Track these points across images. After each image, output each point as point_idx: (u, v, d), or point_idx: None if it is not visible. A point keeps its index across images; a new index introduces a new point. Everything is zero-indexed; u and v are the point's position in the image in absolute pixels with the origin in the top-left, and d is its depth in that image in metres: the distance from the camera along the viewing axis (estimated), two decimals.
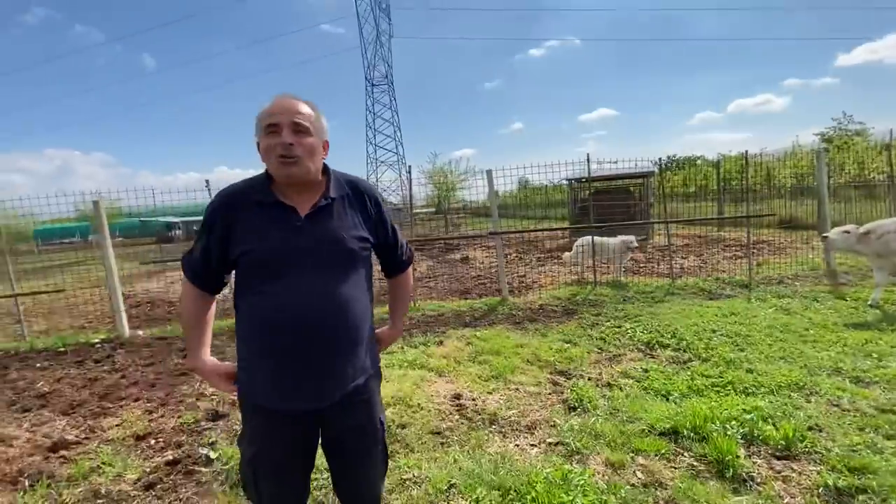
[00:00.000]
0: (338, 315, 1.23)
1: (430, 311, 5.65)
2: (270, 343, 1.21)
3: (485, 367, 3.62)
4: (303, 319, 1.19)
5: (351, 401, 1.30)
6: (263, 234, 1.20)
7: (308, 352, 1.21)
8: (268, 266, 1.20)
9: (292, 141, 1.17)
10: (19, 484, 2.35)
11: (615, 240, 6.74)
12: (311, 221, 1.23)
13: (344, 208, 1.30)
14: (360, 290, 1.30)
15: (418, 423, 2.79)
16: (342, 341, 1.25)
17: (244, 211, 1.23)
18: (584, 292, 6.09)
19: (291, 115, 1.19)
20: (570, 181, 11.01)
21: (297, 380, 1.22)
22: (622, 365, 3.57)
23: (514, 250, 11.98)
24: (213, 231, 1.25)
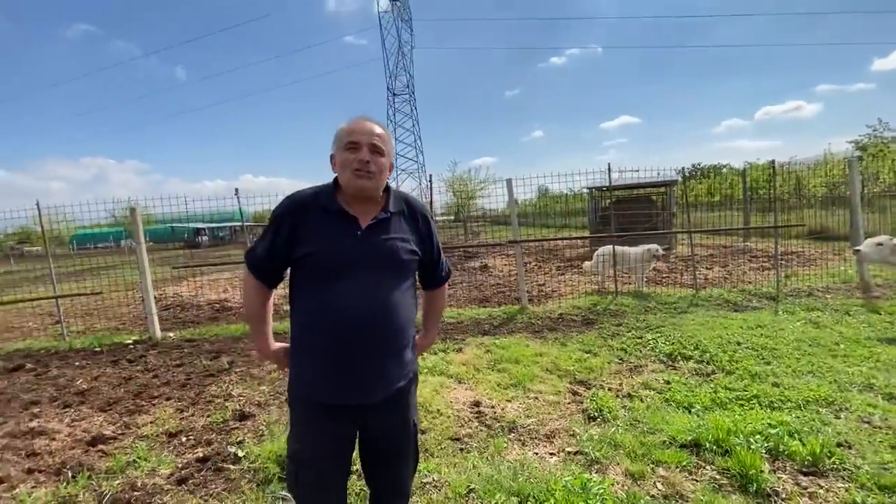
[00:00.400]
0: (388, 318, 1.33)
1: (449, 318, 5.70)
2: (325, 340, 1.30)
3: (504, 375, 3.64)
4: (357, 320, 1.28)
5: (393, 401, 1.39)
6: (326, 239, 1.31)
7: (360, 350, 1.30)
8: (327, 269, 1.30)
9: (369, 159, 1.32)
10: (62, 475, 2.50)
11: (637, 249, 6.67)
12: (370, 232, 1.34)
13: (399, 223, 1.42)
14: (408, 298, 1.42)
15: (438, 428, 2.84)
16: (391, 343, 1.36)
17: (310, 214, 1.34)
18: (605, 302, 6.04)
19: (371, 136, 1.34)
20: (590, 190, 10.95)
21: (347, 375, 1.31)
22: (643, 376, 3.54)
23: (534, 259, 11.94)
24: (279, 231, 1.35)
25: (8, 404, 3.62)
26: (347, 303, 1.29)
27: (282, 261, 1.38)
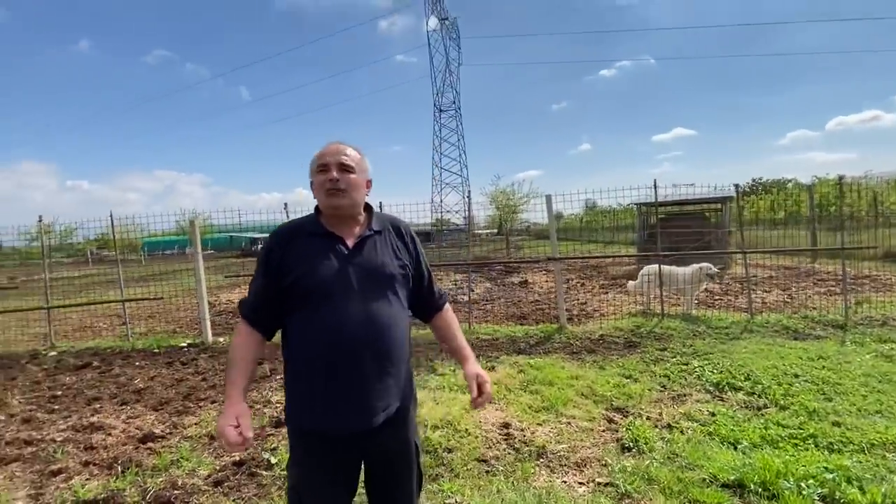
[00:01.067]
0: (382, 336, 1.31)
1: (484, 334, 5.66)
2: (318, 365, 1.28)
3: (536, 398, 3.56)
4: (350, 340, 1.26)
5: (393, 423, 1.36)
6: (314, 261, 1.31)
7: (356, 371, 1.28)
8: (317, 291, 1.29)
9: (339, 177, 1.34)
10: (113, 469, 2.69)
11: (686, 269, 6.34)
12: (356, 250, 1.35)
13: (385, 240, 1.42)
14: (401, 315, 1.40)
15: (465, 448, 2.81)
16: (387, 361, 1.33)
17: (297, 241, 1.36)
18: (650, 324, 5.78)
19: (338, 156, 1.37)
20: (638, 206, 10.57)
21: (345, 400, 1.28)
22: (686, 406, 3.34)
23: (577, 276, 11.64)
24: (269, 265, 1.34)
25: (74, 399, 3.96)
26: (339, 322, 1.27)
27: (276, 296, 1.34)
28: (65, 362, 5.31)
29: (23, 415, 3.62)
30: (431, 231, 36.69)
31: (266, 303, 1.35)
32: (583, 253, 14.19)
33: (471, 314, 6.37)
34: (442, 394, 3.65)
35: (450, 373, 4.21)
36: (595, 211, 30.81)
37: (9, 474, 2.68)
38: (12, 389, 4.31)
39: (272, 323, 1.38)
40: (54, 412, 3.69)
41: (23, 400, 4.00)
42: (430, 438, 2.89)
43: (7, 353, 5.91)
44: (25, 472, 2.71)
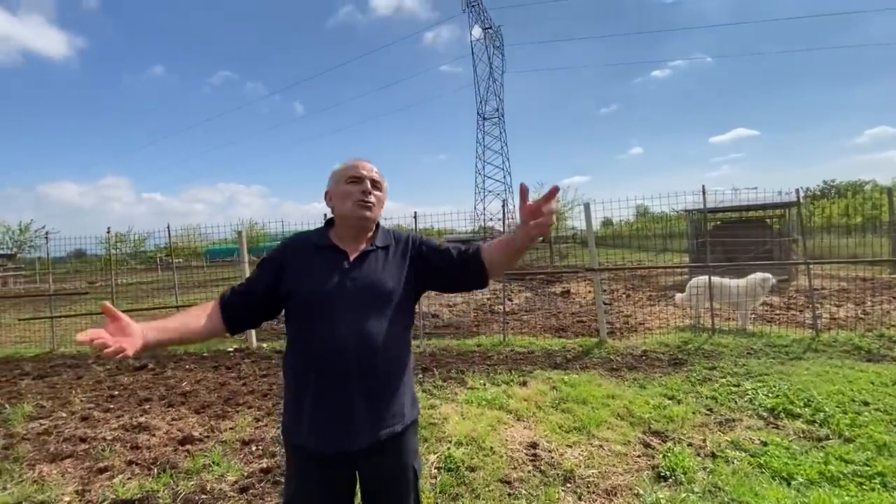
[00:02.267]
0: (376, 356, 1.28)
1: (519, 346, 5.51)
2: (306, 380, 1.28)
3: (568, 417, 3.40)
4: (338, 359, 1.24)
5: (386, 446, 1.32)
6: (313, 273, 1.32)
7: (344, 389, 1.25)
8: (313, 303, 1.29)
9: (371, 191, 1.38)
10: (153, 470, 2.84)
11: (741, 280, 5.88)
12: (356, 264, 1.35)
13: (388, 255, 1.41)
14: (399, 334, 1.36)
15: (488, 468, 2.72)
16: (380, 383, 1.30)
17: (301, 252, 1.38)
18: (699, 340, 5.40)
19: (371, 172, 1.41)
20: (689, 212, 9.98)
21: (329, 420, 1.26)
22: (734, 433, 3.06)
23: (623, 286, 11.15)
24: (267, 269, 1.36)
25: (127, 400, 4.24)
26: (329, 339, 1.25)
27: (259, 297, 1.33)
28: (125, 363, 5.71)
29: (82, 413, 3.92)
30: (473, 239, 36.60)
31: (247, 296, 1.35)
32: (631, 262, 13.60)
33: (504, 325, 6.23)
34: (470, 408, 3.58)
35: (480, 387, 4.13)
36: (647, 217, 29.45)
37: (62, 469, 2.90)
38: (76, 388, 4.68)
39: (238, 318, 1.33)
40: (109, 411, 3.97)
41: (84, 398, 4.33)
42: (454, 456, 2.82)
43: (78, 354, 6.46)
44: (76, 469, 2.91)
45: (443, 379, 4.44)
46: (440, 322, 7.68)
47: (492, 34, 53.15)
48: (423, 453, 2.89)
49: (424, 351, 5.54)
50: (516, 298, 10.12)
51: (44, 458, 3.07)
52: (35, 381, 5.11)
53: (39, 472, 2.85)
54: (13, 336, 8.19)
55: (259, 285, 1.34)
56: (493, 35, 53.46)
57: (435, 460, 2.81)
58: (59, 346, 6.96)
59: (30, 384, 4.95)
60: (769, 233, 10.03)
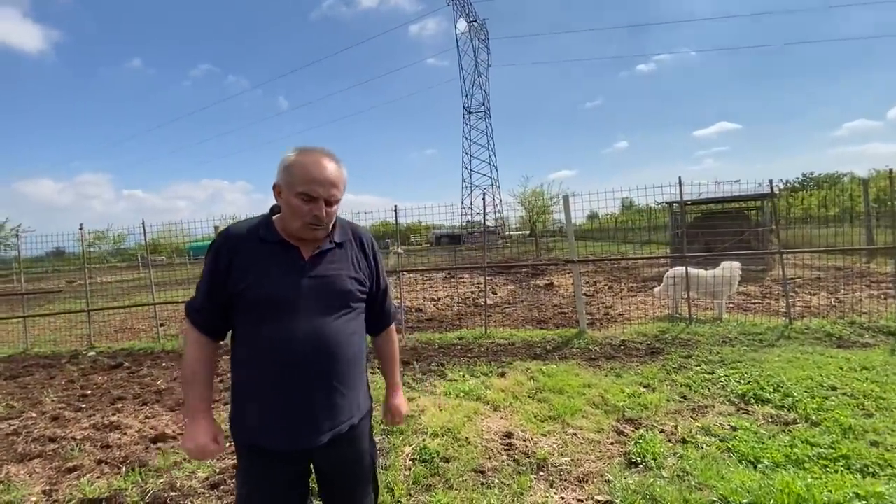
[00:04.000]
0: (335, 354, 1.25)
1: (500, 339, 5.54)
2: (266, 379, 1.23)
3: (543, 406, 3.43)
4: (301, 357, 1.21)
5: (343, 439, 1.31)
6: (265, 271, 1.23)
7: (304, 389, 1.23)
8: (267, 303, 1.22)
9: (324, 214, 1.24)
10: (123, 468, 2.79)
11: (715, 270, 5.99)
12: (313, 263, 1.28)
13: (346, 254, 1.36)
14: (356, 331, 1.35)
15: (463, 458, 2.73)
16: (338, 380, 1.27)
17: (247, 247, 1.26)
18: (676, 329, 5.48)
19: (331, 187, 1.23)
20: (668, 204, 10.11)
21: (288, 419, 1.23)
22: (706, 419, 3.12)
23: (605, 278, 11.27)
24: (216, 269, 1.26)
25: (100, 399, 4.16)
26: (286, 340, 1.20)
27: (223, 302, 1.26)
28: (100, 362, 5.61)
29: (52, 412, 3.83)
30: (461, 233, 36.62)
31: (213, 307, 1.28)
32: (612, 254, 13.75)
33: (486, 318, 6.25)
34: (447, 400, 3.58)
35: (459, 379, 4.14)
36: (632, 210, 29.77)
37: (29, 470, 2.83)
38: (48, 388, 4.58)
39: (221, 325, 1.30)
40: (80, 411, 3.89)
41: (55, 398, 4.23)
42: (429, 447, 2.82)
43: (52, 353, 6.31)
44: (45, 469, 2.85)
45: (423, 372, 4.44)
46: (423, 316, 7.68)
47: (477, 27, 52.98)
48: (398, 445, 2.90)
49: (406, 345, 5.53)
50: (500, 291, 10.15)
51: (11, 458, 3.00)
52: (6, 381, 4.98)
53: (6, 473, 2.78)
54: None
55: (217, 293, 1.26)
56: (479, 28, 53.28)
57: (410, 452, 2.81)
58: (32, 346, 6.79)
59: (0, 385, 4.83)
60: (748, 224, 10.21)
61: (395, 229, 6.39)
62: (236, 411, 1.30)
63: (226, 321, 1.30)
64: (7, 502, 2.44)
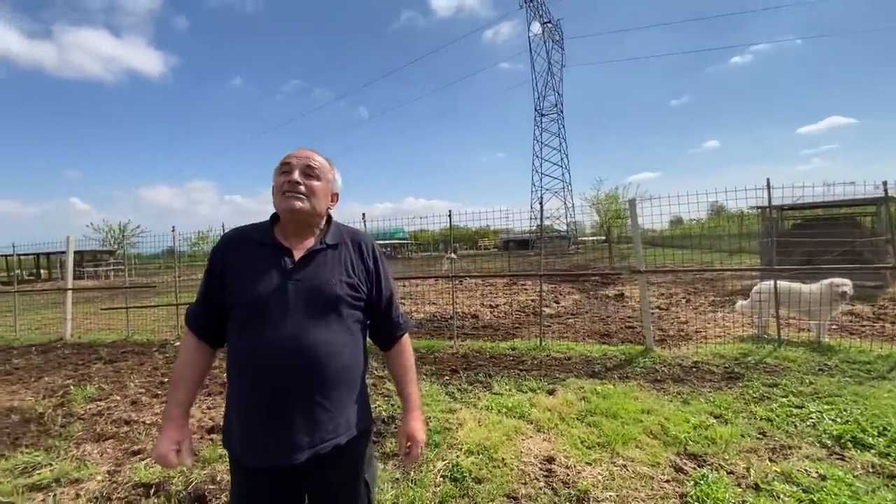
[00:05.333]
0: (320, 363, 1.18)
1: (556, 352, 5.24)
2: (245, 387, 1.19)
3: (592, 431, 3.14)
4: (273, 368, 1.15)
5: (329, 460, 1.22)
6: (254, 275, 1.21)
7: (277, 402, 1.16)
8: (248, 308, 1.19)
9: (300, 180, 1.25)
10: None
11: (815, 285, 5.18)
12: (301, 265, 1.24)
13: (338, 255, 1.29)
14: (347, 341, 1.25)
15: (496, 480, 2.57)
16: (323, 392, 1.20)
17: (242, 251, 1.26)
18: (761, 353, 4.82)
19: (305, 160, 1.29)
20: (761, 209, 9.00)
21: (263, 433, 1.18)
22: (788, 462, 2.66)
23: (683, 290, 10.33)
24: (212, 272, 1.27)
25: None
26: (265, 346, 1.16)
27: (216, 307, 1.26)
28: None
29: (133, 397, 4.26)
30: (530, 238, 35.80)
31: (208, 311, 1.28)
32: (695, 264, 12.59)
33: (541, 329, 5.96)
34: (488, 415, 3.42)
35: (505, 392, 3.96)
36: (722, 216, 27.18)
37: (102, 450, 3.14)
38: (135, 373, 5.11)
39: (217, 331, 1.30)
40: (156, 397, 4.27)
41: (138, 383, 4.70)
42: (461, 465, 2.70)
43: (146, 342, 7.08)
44: (115, 450, 3.15)
45: (469, 382, 4.31)
46: (479, 323, 7.54)
47: (551, 28, 51.81)
48: (430, 459, 2.80)
49: (457, 352, 5.44)
50: (564, 300, 9.71)
51: (90, 437, 3.36)
52: (105, 365, 5.65)
53: (83, 451, 3.11)
54: (100, 323, 9.15)
55: (212, 297, 1.27)
56: (553, 29, 52.08)
57: (441, 467, 2.70)
58: (132, 334, 7.67)
59: (99, 368, 5.48)
60: (860, 233, 8.78)
61: (450, 234, 6.33)
62: (225, 421, 1.29)
63: (222, 327, 1.29)
64: (76, 479, 2.71)
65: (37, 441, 3.35)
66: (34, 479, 2.74)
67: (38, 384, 4.88)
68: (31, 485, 2.68)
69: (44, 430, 3.56)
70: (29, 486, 2.67)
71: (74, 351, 6.64)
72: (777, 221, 10.25)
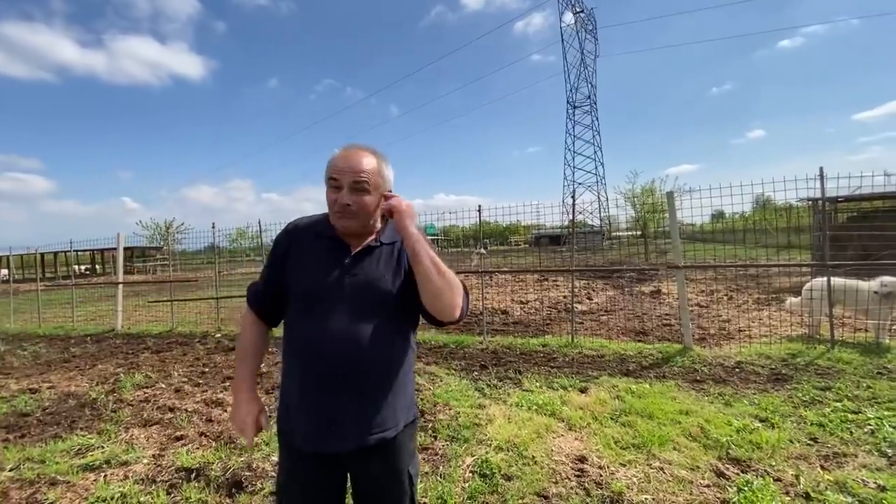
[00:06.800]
0: (367, 356, 1.21)
1: (588, 349, 5.12)
2: (298, 373, 1.24)
3: (627, 431, 3.04)
4: (330, 354, 1.20)
5: (376, 452, 1.26)
6: (312, 266, 1.27)
7: (326, 391, 1.20)
8: (306, 297, 1.25)
9: (349, 201, 1.23)
10: (217, 442, 3.10)
11: (873, 282, 4.83)
12: (356, 260, 1.27)
13: (393, 253, 1.32)
14: (395, 338, 1.28)
15: (526, 478, 2.52)
16: (369, 385, 1.23)
17: (304, 241, 1.31)
18: (812, 353, 4.54)
19: (354, 173, 1.23)
20: (811, 201, 8.45)
21: (310, 419, 1.22)
22: (842, 471, 2.49)
23: (726, 287, 9.87)
24: (275, 257, 1.34)
25: (214, 377, 4.73)
26: (318, 334, 1.20)
27: (277, 291, 1.33)
28: (222, 344, 6.43)
29: (177, 385, 4.46)
30: (561, 233, 35.13)
31: (268, 293, 1.34)
32: (738, 259, 12.00)
33: (573, 326, 5.83)
34: (518, 412, 3.38)
35: (535, 389, 3.89)
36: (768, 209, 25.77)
37: (148, 434, 3.30)
38: (179, 363, 5.36)
39: (276, 312, 1.36)
40: (198, 386, 4.46)
41: (182, 373, 4.93)
42: (491, 461, 2.67)
43: (189, 333, 7.41)
44: (160, 435, 3.30)
45: (499, 378, 4.27)
46: (509, 319, 7.46)
47: (584, 18, 50.45)
48: (460, 454, 2.79)
49: (487, 348, 5.40)
50: (597, 297, 9.47)
51: (138, 422, 3.54)
52: (152, 354, 5.96)
53: (131, 435, 3.28)
54: (149, 315, 9.67)
55: (273, 281, 1.33)
56: (586, 19, 50.69)
57: (471, 463, 2.69)
58: (177, 326, 8.05)
59: (147, 357, 5.79)
60: None
61: (479, 230, 6.27)
62: (280, 400, 1.34)
63: (280, 309, 1.35)
64: (124, 462, 2.86)
65: (90, 424, 3.56)
66: (87, 459, 2.91)
67: (93, 371, 5.20)
68: (84, 465, 2.85)
69: (97, 414, 3.78)
70: (83, 467, 2.84)
71: (125, 341, 7.05)
72: (830, 214, 9.61)
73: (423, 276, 1.18)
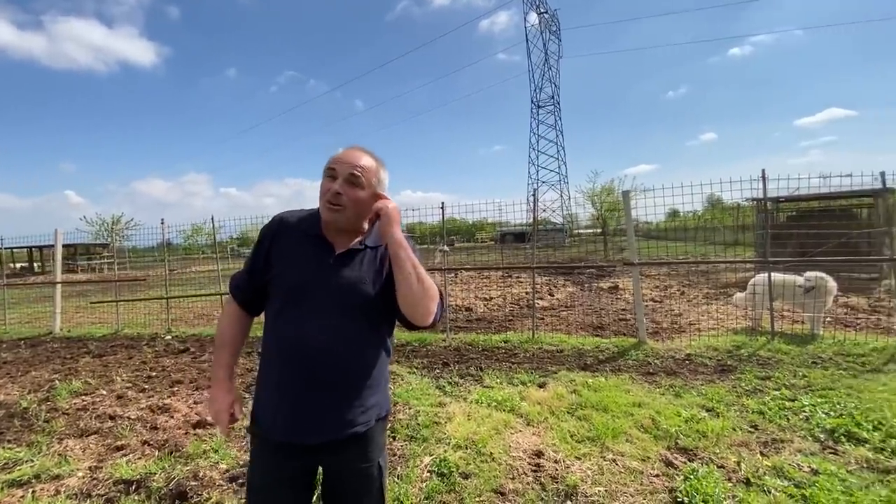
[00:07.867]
0: (344, 354, 1.24)
1: (548, 344, 5.21)
2: (275, 368, 1.26)
3: (582, 425, 3.11)
4: (309, 350, 1.21)
5: (348, 445, 1.28)
6: (295, 262, 1.27)
7: (308, 383, 1.22)
8: (289, 292, 1.26)
9: (342, 191, 1.24)
10: (161, 452, 2.93)
11: (798, 279, 5.17)
12: (340, 261, 1.27)
13: (376, 258, 1.32)
14: (372, 338, 1.30)
15: (484, 475, 2.53)
16: (345, 381, 1.26)
17: (289, 236, 1.32)
18: (755, 345, 4.80)
19: (351, 167, 1.26)
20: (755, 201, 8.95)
21: (289, 411, 1.23)
22: (779, 457, 2.63)
23: (679, 283, 10.32)
24: (260, 250, 1.34)
25: (161, 381, 4.48)
26: (302, 331, 1.21)
27: (259, 283, 1.34)
28: (171, 346, 6.11)
29: (119, 391, 4.19)
30: (526, 231, 35.76)
31: (251, 284, 1.36)
32: (690, 256, 12.58)
33: (533, 322, 5.92)
34: (478, 409, 3.38)
35: (496, 386, 3.92)
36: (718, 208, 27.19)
37: (84, 445, 3.08)
38: (123, 367, 5.04)
39: (257, 302, 1.37)
40: (143, 391, 4.21)
41: (126, 378, 4.64)
42: (449, 459, 2.66)
43: (136, 335, 7.01)
44: (98, 445, 3.08)
45: (460, 375, 4.27)
46: (473, 315, 7.50)
47: (547, 19, 51.40)
48: (417, 454, 2.76)
49: (449, 345, 5.40)
50: (558, 293, 9.68)
51: (73, 433, 3.29)
52: (93, 359, 5.57)
53: (65, 447, 3.05)
54: (92, 317, 9.07)
55: (256, 273, 1.35)
56: (549, 20, 51.65)
57: (429, 462, 2.66)
58: (122, 328, 7.59)
59: (87, 362, 5.41)
60: (856, 225, 8.76)
61: (442, 227, 6.25)
62: (255, 394, 1.34)
63: (261, 300, 1.36)
64: (56, 475, 2.65)
65: (19, 436, 3.28)
66: (14, 475, 2.68)
67: (25, 378, 4.81)
68: (10, 480, 2.62)
69: (27, 425, 3.49)
70: (9, 483, 2.61)
71: (63, 345, 6.57)
72: (772, 213, 10.23)
73: (403, 283, 1.21)
